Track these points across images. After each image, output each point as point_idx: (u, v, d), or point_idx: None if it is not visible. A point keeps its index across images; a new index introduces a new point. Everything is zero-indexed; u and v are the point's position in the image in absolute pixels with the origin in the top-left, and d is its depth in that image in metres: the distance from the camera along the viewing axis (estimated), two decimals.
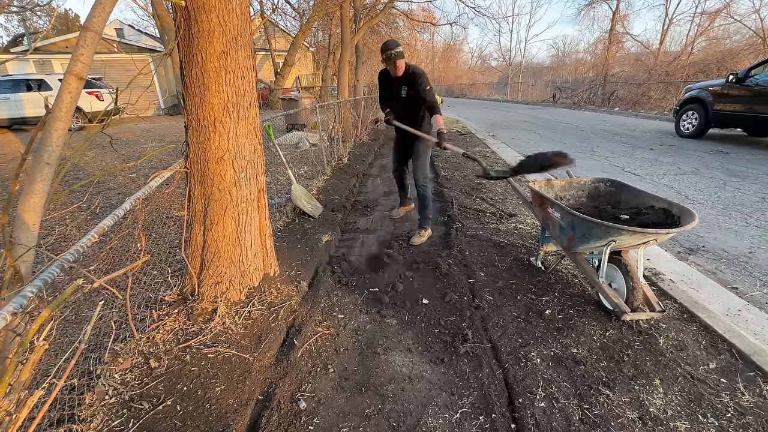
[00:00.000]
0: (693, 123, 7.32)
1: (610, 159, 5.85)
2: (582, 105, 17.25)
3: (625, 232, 1.75)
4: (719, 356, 1.73)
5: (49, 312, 0.92)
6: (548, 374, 1.64)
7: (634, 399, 1.51)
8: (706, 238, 3.02)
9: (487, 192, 4.26)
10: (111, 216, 1.44)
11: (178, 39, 1.77)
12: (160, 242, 2.58)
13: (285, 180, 4.39)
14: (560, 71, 30.33)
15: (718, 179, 4.56)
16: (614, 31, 20.15)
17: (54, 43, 15.32)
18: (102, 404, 1.45)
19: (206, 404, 1.48)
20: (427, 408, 1.52)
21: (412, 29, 15.47)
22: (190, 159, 1.91)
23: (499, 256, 2.73)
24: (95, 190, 4.43)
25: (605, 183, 2.45)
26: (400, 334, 1.99)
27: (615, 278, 2.04)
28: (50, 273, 1.10)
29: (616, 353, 1.74)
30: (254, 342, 1.84)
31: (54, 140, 1.53)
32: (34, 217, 1.50)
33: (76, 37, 1.49)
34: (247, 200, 2.04)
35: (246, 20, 1.86)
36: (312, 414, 1.50)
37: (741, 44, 15.68)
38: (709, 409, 1.46)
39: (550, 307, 2.11)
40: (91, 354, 1.66)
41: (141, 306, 1.96)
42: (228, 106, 1.85)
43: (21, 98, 10.56)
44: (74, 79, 1.54)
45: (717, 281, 2.38)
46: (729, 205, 3.69)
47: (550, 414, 1.45)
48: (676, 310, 2.08)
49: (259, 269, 2.21)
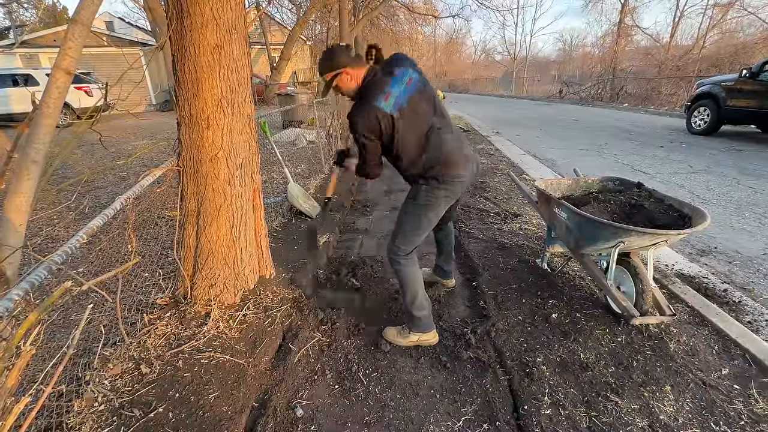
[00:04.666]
0: (705, 119, 7.20)
1: (619, 157, 5.77)
2: (590, 101, 17.03)
3: (634, 233, 1.71)
4: (732, 362, 1.69)
5: (37, 316, 0.90)
6: (554, 380, 1.61)
7: (643, 406, 1.47)
8: (718, 238, 2.96)
9: (492, 191, 4.19)
10: (100, 216, 1.42)
11: (170, 32, 1.72)
12: (151, 243, 2.54)
13: (281, 179, 4.32)
14: (567, 66, 30.02)
15: (731, 178, 4.49)
16: (623, 24, 19.84)
17: (41, 37, 14.94)
18: (91, 411, 1.42)
19: (199, 411, 1.46)
20: (429, 415, 1.49)
21: (413, 22, 15.35)
22: (183, 157, 1.87)
23: (504, 257, 2.67)
24: (84, 189, 4.37)
25: (614, 182, 2.41)
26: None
27: (624, 281, 2.00)
28: (37, 275, 1.09)
29: (625, 358, 1.70)
30: (249, 347, 1.80)
31: (41, 137, 1.50)
32: (20, 217, 1.47)
33: (64, 30, 1.47)
34: (242, 199, 2.00)
35: (241, 12, 1.81)
36: (309, 422, 1.47)
37: (755, 37, 15.37)
38: (722, 417, 1.43)
39: (557, 310, 2.06)
40: (79, 359, 1.62)
41: (132, 309, 1.93)
42: (222, 102, 1.81)
43: (7, 94, 10.33)
44: (62, 73, 1.50)
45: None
46: (742, 205, 3.62)
47: (557, 421, 1.42)
48: (688, 314, 2.03)
49: (254, 271, 2.17)
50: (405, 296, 1.83)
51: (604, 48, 22.28)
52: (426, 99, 1.65)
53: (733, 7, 16.63)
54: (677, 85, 14.45)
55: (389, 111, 1.55)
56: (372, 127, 1.58)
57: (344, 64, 1.60)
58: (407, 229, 1.75)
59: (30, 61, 14.29)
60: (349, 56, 1.61)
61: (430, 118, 1.66)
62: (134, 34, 18.19)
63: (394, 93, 1.57)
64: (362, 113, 1.56)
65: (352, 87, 1.65)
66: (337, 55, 1.60)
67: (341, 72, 1.60)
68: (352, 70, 1.61)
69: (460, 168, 1.67)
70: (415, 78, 1.64)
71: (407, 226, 1.75)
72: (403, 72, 1.62)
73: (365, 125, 1.57)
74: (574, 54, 32.40)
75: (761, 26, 15.80)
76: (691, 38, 18.96)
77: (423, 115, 1.64)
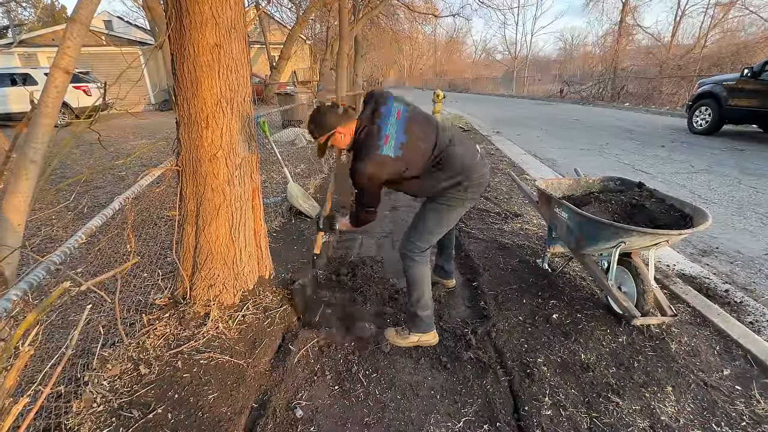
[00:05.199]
0: (706, 119, 7.18)
1: (620, 157, 5.76)
2: (591, 100, 17.00)
3: (635, 233, 1.71)
4: (734, 362, 1.69)
5: (35, 316, 0.90)
6: (555, 381, 1.60)
7: (645, 407, 1.47)
8: (720, 239, 2.95)
9: (492, 191, 4.18)
10: (99, 216, 1.42)
11: (169, 31, 1.72)
12: (150, 243, 2.53)
13: (281, 178, 4.31)
14: (568, 65, 29.99)
15: (733, 177, 4.48)
16: (624, 23, 19.82)
17: (40, 36, 14.92)
18: (90, 412, 1.41)
19: (198, 412, 1.45)
20: (429, 416, 1.49)
21: (413, 21, 15.33)
22: (182, 156, 1.87)
23: (504, 257, 2.66)
24: (83, 189, 4.35)
25: (614, 182, 2.40)
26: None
27: (625, 281, 1.99)
28: (36, 275, 1.08)
29: (626, 359, 1.70)
30: (248, 347, 1.80)
31: (40, 137, 1.49)
32: (19, 217, 1.46)
33: (62, 29, 1.46)
34: (242, 199, 1.99)
35: (240, 11, 1.80)
36: (309, 423, 1.47)
37: (756, 37, 15.33)
38: (723, 418, 1.42)
39: (558, 311, 2.05)
40: (78, 360, 1.62)
41: (131, 310, 1.93)
42: (221, 102, 1.80)
43: (5, 93, 10.25)
44: (61, 73, 1.49)
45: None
46: (744, 205, 3.61)
47: (558, 422, 1.42)
48: (689, 314, 2.02)
49: (253, 271, 2.16)
50: (411, 295, 1.83)
51: (605, 47, 22.26)
52: (420, 123, 1.66)
53: (734, 6, 16.61)
54: (678, 85, 14.42)
55: (394, 154, 1.56)
56: (381, 176, 1.59)
57: (334, 124, 1.61)
58: (428, 228, 1.78)
59: (28, 60, 14.22)
60: (338, 115, 1.62)
61: (434, 137, 1.66)
62: (133, 33, 18.08)
63: (390, 134, 1.57)
64: (370, 164, 1.55)
65: (347, 142, 1.67)
66: (326, 118, 1.62)
67: (334, 132, 1.63)
68: (343, 128, 1.62)
69: (479, 170, 1.72)
70: (402, 109, 1.65)
71: (429, 224, 1.78)
72: (387, 110, 1.62)
73: (374, 175, 1.58)
74: (575, 53, 32.43)
75: (763, 25, 15.78)
76: (692, 37, 18.96)
77: (425, 139, 1.64)
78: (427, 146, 1.64)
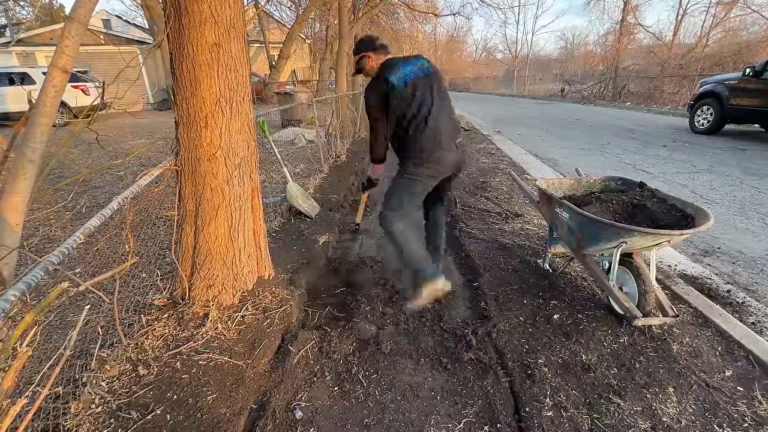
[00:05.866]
0: (708, 118, 7.16)
1: (622, 156, 5.74)
2: (592, 99, 16.96)
3: (636, 234, 1.70)
4: (736, 363, 1.68)
5: (33, 317, 0.89)
6: (556, 382, 1.59)
7: (646, 408, 1.46)
8: (721, 239, 2.93)
9: (492, 191, 4.17)
10: (98, 216, 1.41)
11: (167, 30, 1.71)
12: (149, 243, 2.53)
13: (280, 178, 4.29)
14: (569, 64, 29.95)
15: (735, 177, 4.46)
16: (625, 22, 19.76)
17: (38, 35, 14.88)
18: (88, 413, 1.41)
19: (197, 413, 1.44)
20: (429, 417, 1.48)
21: (413, 20, 15.25)
22: (181, 156, 1.86)
23: (505, 258, 2.65)
24: (81, 189, 4.34)
25: (616, 182, 2.39)
26: (400, 340, 1.93)
27: (626, 281, 1.98)
28: (34, 276, 1.07)
29: (627, 360, 1.69)
30: (248, 348, 1.79)
31: (38, 136, 1.49)
32: (16, 217, 1.46)
33: (61, 28, 1.46)
34: (241, 199, 1.98)
35: (239, 10, 1.79)
36: (309, 424, 1.46)
37: (758, 36, 15.28)
38: (725, 419, 1.41)
39: (558, 311, 2.04)
40: (76, 361, 1.61)
41: (129, 310, 1.91)
42: (220, 101, 1.79)
43: (3, 92, 10.21)
44: (59, 72, 1.48)
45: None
46: (746, 205, 3.59)
47: (558, 424, 1.41)
48: (691, 315, 2.01)
49: (252, 272, 2.15)
50: (402, 257, 1.91)
51: (607, 46, 22.22)
52: (428, 83, 1.92)
53: (736, 5, 16.55)
54: (680, 84, 14.38)
55: (396, 83, 1.87)
56: (380, 95, 1.92)
57: (369, 48, 2.03)
58: (398, 190, 1.96)
59: (26, 59, 14.18)
60: (374, 45, 2.04)
61: (428, 100, 1.89)
62: (131, 32, 18.04)
63: (403, 71, 1.90)
64: (374, 84, 1.94)
65: (372, 66, 2.04)
66: (365, 43, 2.06)
67: (365, 55, 2.03)
68: (374, 54, 2.03)
69: (441, 149, 1.90)
70: (426, 65, 1.96)
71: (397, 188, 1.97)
72: (415, 60, 1.97)
73: (375, 93, 1.93)
74: (576, 52, 32.35)
75: (765, 24, 15.72)
76: (694, 36, 18.90)
77: (420, 97, 1.88)
78: (418, 103, 1.88)
